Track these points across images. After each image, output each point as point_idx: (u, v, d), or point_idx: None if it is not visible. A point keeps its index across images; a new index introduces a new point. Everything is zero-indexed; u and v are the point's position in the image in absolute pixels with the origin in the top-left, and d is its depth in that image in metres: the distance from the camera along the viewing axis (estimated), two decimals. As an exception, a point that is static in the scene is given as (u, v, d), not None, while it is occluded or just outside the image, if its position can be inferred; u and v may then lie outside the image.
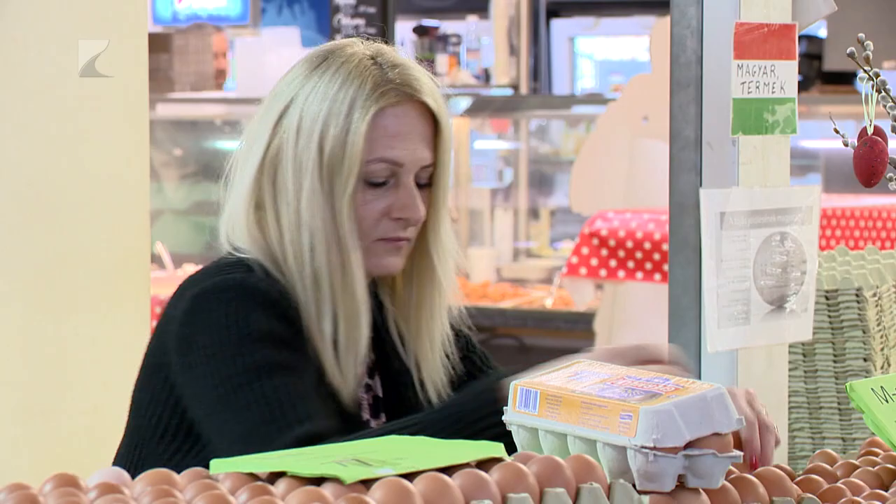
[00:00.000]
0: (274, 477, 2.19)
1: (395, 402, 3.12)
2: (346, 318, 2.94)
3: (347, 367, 2.96)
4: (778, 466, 2.70)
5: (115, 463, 3.03)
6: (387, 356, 3.11)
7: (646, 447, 2.34)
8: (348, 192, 2.91)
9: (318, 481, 2.14)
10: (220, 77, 11.08)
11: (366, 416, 3.09)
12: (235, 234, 3.03)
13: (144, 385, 3.11)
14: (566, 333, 8.88)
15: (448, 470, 2.18)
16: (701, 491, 2.39)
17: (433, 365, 3.07)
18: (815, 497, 2.51)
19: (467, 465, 2.23)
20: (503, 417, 2.54)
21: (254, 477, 2.19)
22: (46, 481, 2.12)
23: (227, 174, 3.10)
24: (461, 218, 10.36)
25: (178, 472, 2.30)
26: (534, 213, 10.17)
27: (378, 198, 2.95)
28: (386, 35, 9.48)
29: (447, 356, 3.11)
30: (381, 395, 3.12)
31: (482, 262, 9.93)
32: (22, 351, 3.99)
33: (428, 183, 3.01)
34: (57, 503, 2.03)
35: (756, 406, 2.85)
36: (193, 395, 2.99)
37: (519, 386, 2.55)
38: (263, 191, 2.98)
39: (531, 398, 2.53)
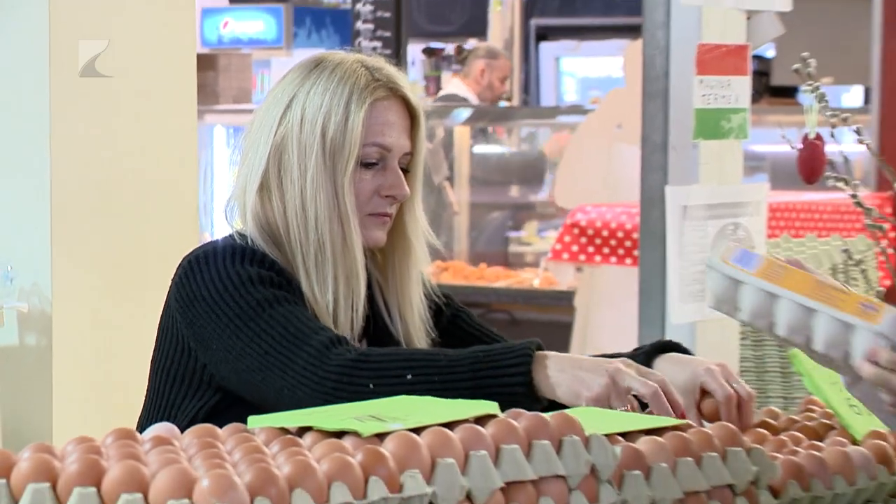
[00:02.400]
0: (302, 431, 2.19)
1: (380, 340, 3.10)
2: (346, 280, 2.96)
3: (345, 327, 2.96)
4: (722, 426, 2.70)
5: (138, 427, 3.03)
6: (373, 320, 3.10)
7: (888, 337, 2.54)
8: (349, 170, 2.94)
9: (340, 435, 2.15)
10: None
11: None
12: (236, 214, 3.06)
13: (157, 350, 3.13)
14: (550, 309, 8.86)
15: (450, 425, 2.18)
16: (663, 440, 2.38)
17: (414, 327, 3.08)
18: (761, 447, 2.51)
19: (466, 420, 2.23)
20: (707, 261, 2.65)
21: (285, 431, 2.19)
22: (107, 435, 2.12)
23: (234, 167, 3.15)
24: (462, 211, 10.36)
25: (199, 419, 2.30)
26: (524, 207, 10.14)
27: (371, 177, 2.98)
28: (399, 55, 9.51)
29: (425, 320, 3.13)
30: (364, 329, 3.10)
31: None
32: (95, 333, 3.98)
33: (406, 169, 3.04)
34: (117, 453, 2.02)
35: (731, 380, 2.87)
36: (202, 343, 3.00)
37: (739, 247, 2.62)
38: (269, 174, 2.99)
39: (751, 259, 2.63)
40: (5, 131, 4.07)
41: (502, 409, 2.33)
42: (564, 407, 2.57)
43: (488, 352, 2.84)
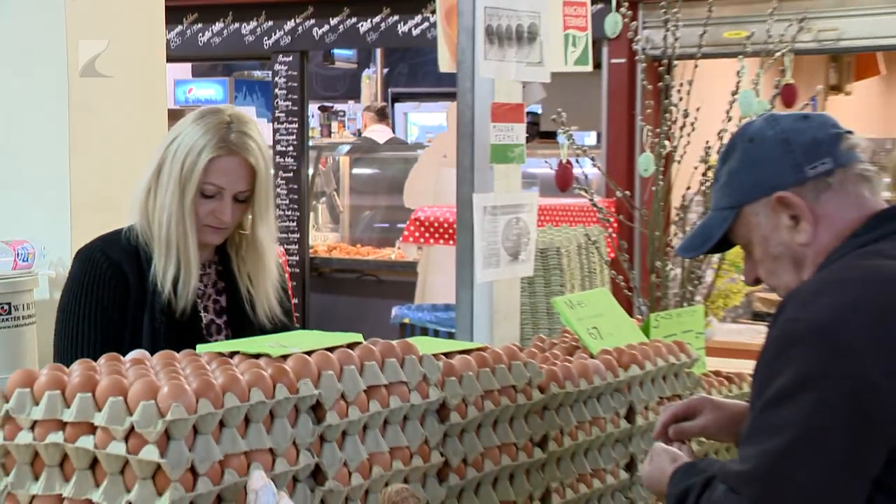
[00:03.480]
0: (232, 354, 2.15)
1: (235, 311, 3.00)
2: (185, 265, 2.84)
3: (182, 295, 2.85)
4: (514, 344, 2.70)
5: None
6: (234, 284, 3.00)
7: None
8: (190, 196, 2.81)
9: (258, 356, 2.12)
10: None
11: (210, 316, 2.99)
12: (134, 210, 2.92)
13: None
14: (402, 273, 8.85)
15: (331, 349, 2.16)
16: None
17: (262, 296, 2.98)
18: (533, 361, 2.51)
19: (341, 346, 2.21)
20: None
21: (220, 354, 2.15)
22: (101, 358, 2.08)
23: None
24: (345, 210, 10.32)
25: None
26: (386, 207, 10.14)
27: (208, 203, 2.84)
28: (304, 111, 9.41)
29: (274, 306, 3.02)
30: (224, 306, 3.00)
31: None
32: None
33: (246, 199, 2.88)
34: (106, 370, 1.99)
35: None
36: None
37: None
38: (151, 185, 2.87)
39: None
40: (32, 136, 3.95)
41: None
42: None
43: None
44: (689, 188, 3.79)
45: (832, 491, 1.79)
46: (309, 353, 2.12)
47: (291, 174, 9.44)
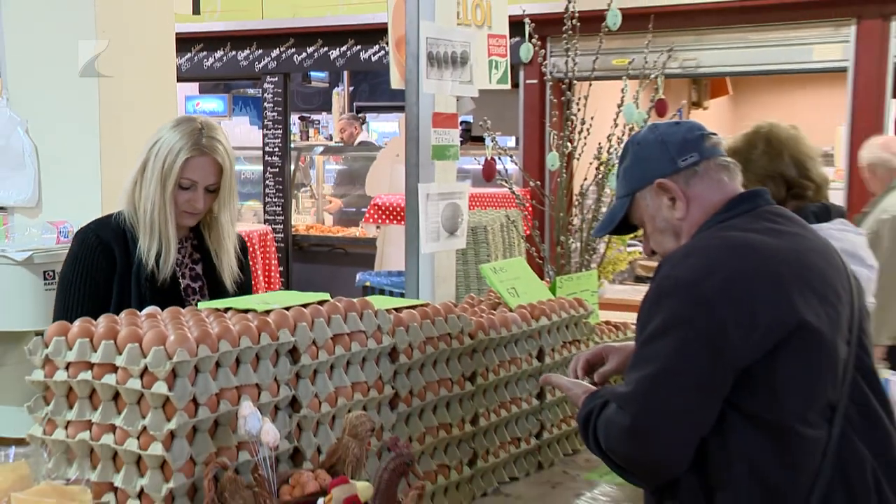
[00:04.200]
0: (227, 309, 2.11)
1: (208, 276, 2.93)
2: (165, 245, 2.78)
3: (163, 268, 2.78)
4: (450, 301, 2.67)
5: None
6: (206, 255, 2.92)
7: None
8: (170, 188, 2.74)
9: (247, 311, 2.07)
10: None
11: (187, 281, 2.92)
12: (122, 199, 2.85)
13: None
14: (364, 247, 8.79)
15: (304, 305, 2.12)
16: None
17: (227, 263, 2.91)
18: (465, 314, 2.48)
19: (313, 302, 2.16)
20: None
21: (217, 310, 2.11)
22: (122, 313, 2.02)
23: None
24: (320, 198, 10.24)
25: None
26: (352, 196, 10.05)
27: (184, 192, 2.77)
28: (287, 120, 9.33)
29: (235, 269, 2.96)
30: (200, 273, 2.94)
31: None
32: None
33: (216, 190, 2.81)
34: (126, 322, 1.94)
35: None
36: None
37: None
38: (138, 177, 2.80)
39: None
40: (71, 143, 3.87)
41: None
42: None
43: None
44: (585, 179, 3.79)
45: (689, 406, 1.83)
46: (287, 308, 2.08)
47: (277, 170, 9.47)
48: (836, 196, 6.87)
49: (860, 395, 1.91)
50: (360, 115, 12.44)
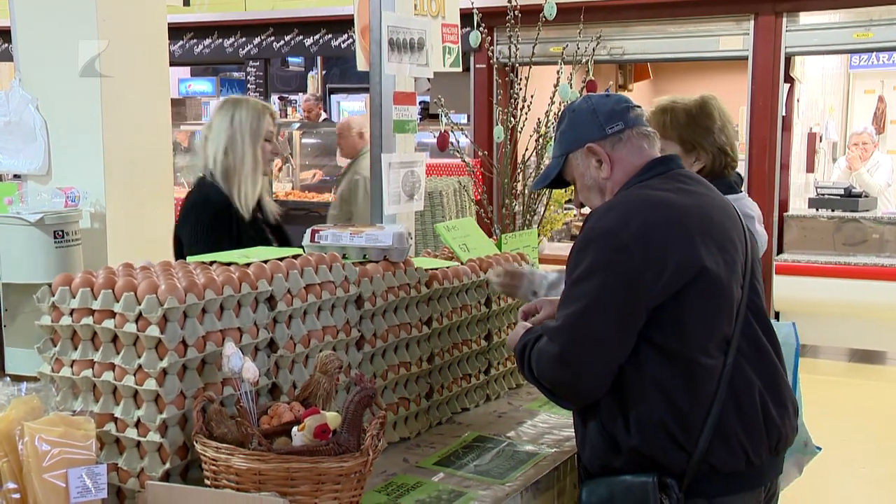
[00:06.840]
0: (212, 262, 2.07)
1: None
2: (255, 189, 3.08)
3: (250, 206, 3.08)
4: (409, 256, 2.64)
5: None
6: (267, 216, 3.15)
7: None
8: (259, 143, 3.06)
9: (229, 264, 2.04)
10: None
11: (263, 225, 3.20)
12: (215, 166, 3.07)
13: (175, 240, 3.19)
14: (336, 210, 8.74)
15: (280, 259, 2.08)
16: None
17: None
18: (423, 268, 2.45)
19: (288, 256, 2.13)
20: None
21: (203, 263, 2.07)
22: (118, 266, 1.98)
23: (200, 146, 3.18)
24: (297, 168, 10.13)
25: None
26: (325, 166, 9.95)
27: (268, 144, 3.10)
28: (268, 100, 9.20)
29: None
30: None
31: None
32: (126, 223, 3.78)
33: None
34: (123, 273, 1.90)
35: None
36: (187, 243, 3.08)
37: None
38: (228, 146, 3.06)
39: None
40: (77, 118, 3.78)
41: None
42: None
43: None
44: (527, 149, 3.77)
45: (609, 337, 1.84)
46: (265, 261, 2.05)
47: (260, 143, 9.34)
48: (741, 168, 6.95)
49: (751, 330, 1.94)
50: (320, 95, 12.25)
